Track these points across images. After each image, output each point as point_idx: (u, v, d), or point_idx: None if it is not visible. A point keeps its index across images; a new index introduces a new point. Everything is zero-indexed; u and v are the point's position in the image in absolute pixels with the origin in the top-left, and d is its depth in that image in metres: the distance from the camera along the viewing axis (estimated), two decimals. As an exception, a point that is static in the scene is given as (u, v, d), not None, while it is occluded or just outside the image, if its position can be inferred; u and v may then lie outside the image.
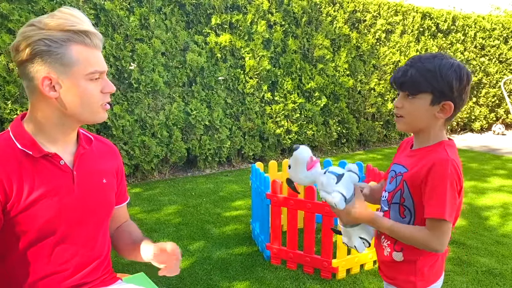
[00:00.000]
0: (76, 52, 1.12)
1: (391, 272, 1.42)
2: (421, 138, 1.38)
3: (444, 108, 1.31)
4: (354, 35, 6.69)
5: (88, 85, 1.15)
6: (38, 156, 1.16)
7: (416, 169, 1.32)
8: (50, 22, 1.09)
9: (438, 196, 1.25)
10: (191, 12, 5.20)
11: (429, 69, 1.29)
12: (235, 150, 5.73)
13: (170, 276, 2.75)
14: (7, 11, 3.97)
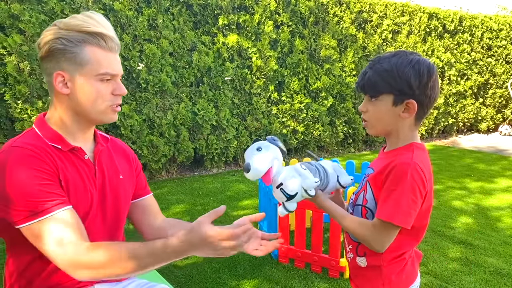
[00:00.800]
0: (89, 53, 1.16)
1: (360, 280, 1.40)
2: (391, 140, 1.34)
3: (408, 107, 1.26)
4: (360, 35, 6.70)
5: (98, 85, 1.19)
6: (66, 150, 1.21)
7: (379, 170, 1.29)
8: (69, 23, 1.15)
9: (392, 199, 1.21)
10: (199, 12, 5.24)
11: (386, 68, 1.25)
12: (242, 150, 5.75)
13: (179, 274, 2.79)
14: (18, 12, 4.02)
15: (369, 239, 1.24)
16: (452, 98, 8.32)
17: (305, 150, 1.39)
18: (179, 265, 2.93)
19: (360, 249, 1.35)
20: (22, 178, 1.08)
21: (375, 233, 1.24)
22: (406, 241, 1.31)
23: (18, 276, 1.24)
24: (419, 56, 1.29)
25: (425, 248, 3.20)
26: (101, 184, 1.27)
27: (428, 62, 1.28)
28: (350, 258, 1.40)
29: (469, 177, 5.39)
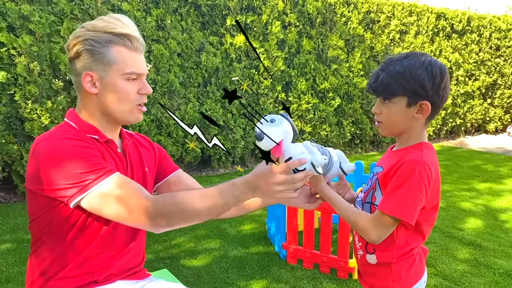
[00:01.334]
0: (116, 53, 1.20)
1: (369, 277, 1.41)
2: (402, 139, 1.35)
3: (422, 108, 1.28)
4: (368, 35, 6.68)
5: (125, 84, 1.22)
6: (103, 141, 1.25)
7: (389, 168, 1.30)
8: (97, 25, 1.19)
9: (398, 194, 1.23)
10: (207, 13, 5.25)
11: (399, 71, 1.25)
12: (249, 150, 5.76)
13: (188, 273, 2.80)
14: (28, 13, 4.05)
15: (369, 230, 1.26)
16: (460, 98, 8.28)
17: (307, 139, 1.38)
18: (188, 266, 2.95)
19: (370, 246, 1.36)
20: (73, 155, 1.12)
21: (376, 225, 1.25)
22: (414, 238, 1.32)
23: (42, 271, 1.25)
24: (430, 58, 1.30)
25: (434, 249, 3.19)
26: (130, 177, 1.30)
27: (439, 63, 1.30)
28: (360, 255, 1.41)
29: (477, 178, 5.37)
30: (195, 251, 3.18)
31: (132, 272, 1.38)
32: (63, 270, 1.23)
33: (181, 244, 3.30)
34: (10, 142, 4.16)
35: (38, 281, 1.26)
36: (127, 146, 1.34)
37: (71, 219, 1.18)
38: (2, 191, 4.41)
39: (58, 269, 1.23)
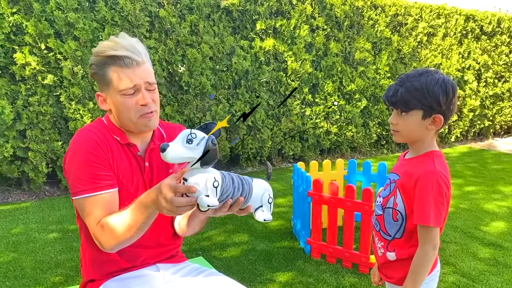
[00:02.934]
0: (111, 73, 1.35)
1: (389, 271, 1.59)
2: (415, 147, 1.54)
3: (435, 121, 1.46)
4: (395, 38, 6.76)
5: (123, 100, 1.36)
6: (124, 143, 1.43)
7: (407, 178, 1.49)
8: (95, 50, 1.37)
9: (424, 205, 1.43)
10: (238, 18, 5.48)
11: (417, 87, 1.43)
12: (276, 150, 5.96)
13: (218, 264, 3.02)
14: (73, 20, 4.37)
15: (427, 253, 1.45)
16: (489, 100, 8.23)
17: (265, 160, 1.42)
18: (219, 257, 3.18)
19: (391, 246, 1.56)
20: (79, 158, 1.32)
21: (424, 243, 1.45)
22: None
23: (87, 256, 1.47)
24: (443, 75, 1.48)
25: (454, 248, 3.31)
26: (149, 180, 1.47)
27: (451, 80, 1.48)
28: (381, 253, 1.60)
29: (504, 181, 5.39)
30: (225, 244, 3.40)
31: (169, 256, 1.57)
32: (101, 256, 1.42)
33: (212, 237, 3.54)
34: (55, 140, 4.49)
35: (86, 264, 1.49)
36: (150, 150, 1.48)
37: None
38: (47, 185, 4.76)
39: (97, 254, 1.42)
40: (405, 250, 1.52)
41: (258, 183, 1.27)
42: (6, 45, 4.20)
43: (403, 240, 1.53)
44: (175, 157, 1.07)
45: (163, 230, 1.55)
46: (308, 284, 2.79)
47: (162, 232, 1.54)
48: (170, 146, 1.07)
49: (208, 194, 1.09)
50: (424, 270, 1.48)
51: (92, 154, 1.34)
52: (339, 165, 3.82)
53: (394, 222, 1.53)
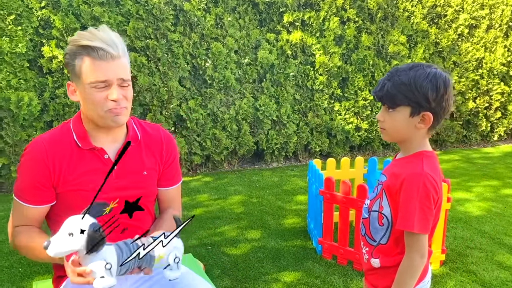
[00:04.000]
0: (82, 64, 1.31)
1: (373, 278, 1.48)
2: (404, 147, 1.41)
3: (424, 119, 1.33)
4: (433, 30, 6.43)
5: (93, 92, 1.33)
6: (86, 148, 1.41)
7: (393, 179, 1.37)
8: (71, 39, 1.34)
9: (408, 209, 1.31)
10: (264, 10, 5.39)
11: (404, 82, 1.31)
12: (302, 145, 5.84)
13: (225, 260, 2.99)
14: (99, 14, 4.45)
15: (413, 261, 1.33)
16: (538, 97, 7.66)
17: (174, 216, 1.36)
18: (227, 253, 3.14)
19: (375, 252, 1.45)
20: (22, 170, 1.41)
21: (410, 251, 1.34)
22: None
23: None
24: (436, 69, 1.34)
25: (478, 256, 3.10)
26: (120, 181, 1.45)
27: (444, 75, 1.34)
28: (366, 259, 1.49)
29: (546, 184, 5.01)
30: (236, 240, 3.36)
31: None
32: None
33: (224, 232, 3.51)
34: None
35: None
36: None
37: None
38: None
39: None
40: (391, 257, 1.40)
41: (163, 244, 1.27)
42: (35, 38, 4.35)
43: (388, 247, 1.42)
44: (58, 252, 1.10)
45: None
46: (313, 286, 2.70)
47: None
48: (51, 242, 1.10)
49: (104, 275, 1.15)
50: (409, 280, 1.36)
51: (32, 172, 1.39)
52: (359, 163, 3.67)
53: (379, 226, 1.42)
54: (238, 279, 2.77)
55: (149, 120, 4.87)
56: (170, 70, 4.89)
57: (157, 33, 4.80)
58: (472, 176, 5.24)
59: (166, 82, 4.89)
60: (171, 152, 1.61)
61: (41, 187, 1.39)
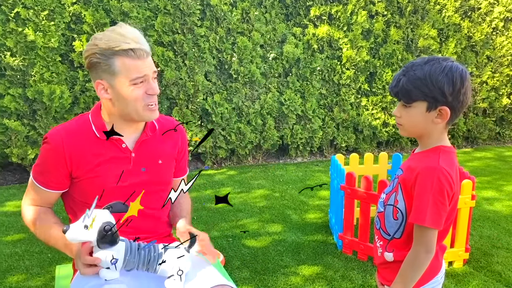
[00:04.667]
0: (120, 63, 1.38)
1: (387, 273, 1.47)
2: (423, 142, 1.40)
3: (441, 113, 1.32)
4: (465, 24, 6.24)
5: (132, 89, 1.41)
6: (103, 139, 1.48)
7: (408, 173, 1.36)
8: (101, 42, 1.38)
9: (421, 203, 1.30)
10: (291, 5, 5.37)
11: (419, 77, 1.29)
12: (328, 140, 5.81)
13: (245, 252, 3.02)
14: (127, 9, 4.55)
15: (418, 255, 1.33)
16: None
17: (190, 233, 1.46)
18: (248, 245, 3.17)
19: (389, 246, 1.44)
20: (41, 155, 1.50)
21: (417, 244, 1.34)
22: None
23: None
24: (452, 62, 1.32)
25: (504, 255, 3.02)
26: (136, 168, 1.52)
27: (460, 68, 1.32)
28: (380, 253, 1.49)
29: None
30: (257, 233, 3.39)
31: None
32: None
33: (245, 225, 3.55)
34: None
35: None
36: (141, 142, 1.53)
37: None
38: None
39: None
40: (404, 251, 1.39)
41: (172, 254, 1.37)
42: (67, 33, 4.49)
43: (402, 241, 1.42)
44: (73, 238, 1.25)
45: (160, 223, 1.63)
46: (332, 280, 2.70)
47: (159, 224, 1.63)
48: (70, 228, 1.25)
49: (109, 267, 1.29)
50: (413, 274, 1.36)
51: (49, 160, 1.47)
52: (383, 159, 3.63)
53: (394, 220, 1.42)
54: (257, 271, 2.81)
55: (175, 114, 4.96)
56: (196, 65, 4.95)
57: (184, 28, 4.87)
58: (504, 174, 5.08)
59: (192, 76, 4.95)
60: (184, 143, 1.70)
61: (56, 174, 1.47)
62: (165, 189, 1.62)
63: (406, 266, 1.36)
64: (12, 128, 4.30)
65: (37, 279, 2.71)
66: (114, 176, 1.48)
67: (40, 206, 1.54)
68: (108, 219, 1.27)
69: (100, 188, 1.44)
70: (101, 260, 1.28)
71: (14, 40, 4.22)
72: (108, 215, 1.29)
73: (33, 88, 4.31)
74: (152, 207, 1.57)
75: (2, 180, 4.69)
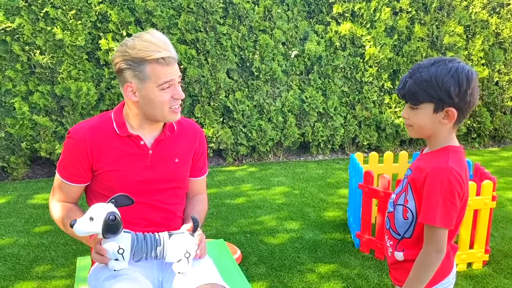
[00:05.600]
0: (150, 70, 1.46)
1: (398, 273, 1.48)
2: (431, 142, 1.41)
3: (448, 114, 1.33)
4: (493, 20, 6.08)
5: (159, 94, 1.49)
6: (124, 135, 1.56)
7: (418, 173, 1.38)
8: (133, 50, 1.44)
9: (431, 203, 1.31)
10: (313, 2, 5.36)
11: (425, 79, 1.31)
12: (349, 138, 5.78)
13: (262, 248, 3.07)
14: (151, 8, 4.65)
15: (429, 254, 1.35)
16: None
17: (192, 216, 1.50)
18: (265, 241, 3.22)
19: (400, 245, 1.46)
20: (65, 150, 1.58)
21: (428, 244, 1.35)
22: None
23: None
24: (458, 63, 1.33)
25: (526, 258, 2.96)
26: (153, 165, 1.60)
27: (467, 69, 1.33)
28: (390, 252, 1.51)
29: None
30: (275, 230, 3.43)
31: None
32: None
33: (264, 222, 3.59)
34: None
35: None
36: (159, 140, 1.61)
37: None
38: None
39: None
40: (414, 251, 1.41)
41: (178, 239, 1.45)
42: (93, 32, 4.62)
43: (412, 240, 1.44)
44: (80, 231, 1.34)
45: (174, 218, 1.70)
46: (347, 278, 2.72)
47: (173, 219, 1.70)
48: (77, 222, 1.34)
49: (118, 258, 1.37)
50: (424, 274, 1.37)
51: (72, 155, 1.56)
52: (403, 158, 3.60)
53: (404, 220, 1.44)
54: (273, 267, 2.85)
55: (197, 111, 5.04)
56: (218, 62, 5.01)
57: (206, 26, 4.93)
58: (531, 175, 4.95)
59: (214, 74, 5.02)
60: (202, 145, 1.77)
61: (79, 168, 1.56)
62: (180, 186, 1.68)
63: (417, 267, 1.37)
64: (40, 124, 4.46)
65: (62, 269, 2.83)
66: (132, 171, 1.56)
67: (67, 203, 1.63)
68: (112, 210, 1.35)
69: (119, 182, 1.54)
70: (108, 251, 1.37)
71: (43, 38, 4.38)
72: (113, 208, 1.36)
73: (61, 85, 4.46)
74: (167, 202, 1.64)
75: (32, 173, 4.88)
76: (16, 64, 4.39)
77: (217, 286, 1.45)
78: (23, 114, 4.39)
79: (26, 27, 4.32)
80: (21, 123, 4.42)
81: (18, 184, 4.57)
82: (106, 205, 1.36)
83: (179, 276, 1.47)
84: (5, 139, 4.50)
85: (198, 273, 1.48)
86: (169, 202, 1.64)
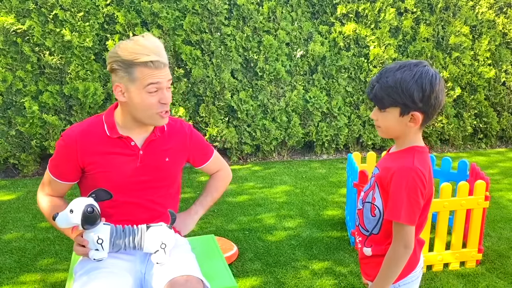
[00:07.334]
0: (138, 72, 1.52)
1: (368, 268, 1.55)
2: (399, 142, 1.48)
3: (414, 118, 1.38)
4: (500, 20, 6.05)
5: (146, 96, 1.54)
6: (115, 137, 1.63)
7: (385, 172, 1.44)
8: (124, 52, 1.51)
9: (396, 201, 1.38)
10: (317, 3, 5.41)
11: (390, 84, 1.36)
12: (354, 138, 5.82)
13: (259, 245, 3.14)
14: (157, 10, 4.75)
15: (397, 250, 1.42)
16: None
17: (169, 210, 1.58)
18: (263, 238, 3.29)
19: (368, 241, 1.54)
20: (57, 150, 1.66)
21: (395, 240, 1.42)
22: None
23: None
24: (423, 68, 1.38)
25: (520, 258, 2.98)
26: (143, 165, 1.67)
27: (431, 73, 1.38)
28: (359, 248, 1.59)
29: None
30: (273, 227, 3.50)
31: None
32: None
33: (263, 219, 3.66)
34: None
35: None
36: (149, 141, 1.67)
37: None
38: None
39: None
40: (382, 246, 1.48)
41: (155, 231, 1.55)
42: (100, 33, 4.75)
43: (380, 237, 1.50)
44: (62, 223, 1.46)
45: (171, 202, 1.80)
46: (340, 275, 2.78)
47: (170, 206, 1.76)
48: (58, 215, 1.45)
49: (98, 248, 1.48)
50: (393, 269, 1.44)
51: (63, 156, 1.66)
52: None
53: (371, 217, 1.50)
54: (268, 264, 2.92)
55: (202, 110, 5.14)
56: (223, 63, 5.10)
57: (211, 27, 5.02)
58: (535, 176, 4.94)
59: (219, 74, 5.10)
60: (195, 137, 1.83)
61: (68, 168, 1.65)
62: (170, 184, 1.76)
63: (386, 262, 1.44)
64: (50, 122, 4.60)
65: (65, 263, 2.95)
66: (123, 172, 1.63)
67: (54, 197, 1.73)
68: (91, 203, 1.46)
69: (110, 182, 1.61)
70: (88, 242, 1.47)
71: (52, 40, 4.52)
72: (92, 201, 1.47)
73: (69, 85, 4.60)
74: (159, 201, 1.72)
75: (41, 170, 5.03)
76: (26, 65, 4.53)
77: (192, 277, 1.50)
78: (33, 113, 4.53)
79: (36, 29, 4.46)
80: (31, 121, 4.56)
81: (28, 180, 4.72)
82: (85, 199, 1.46)
83: (157, 266, 1.55)
84: (16, 137, 4.66)
85: (176, 264, 1.55)
86: (162, 201, 1.72)
